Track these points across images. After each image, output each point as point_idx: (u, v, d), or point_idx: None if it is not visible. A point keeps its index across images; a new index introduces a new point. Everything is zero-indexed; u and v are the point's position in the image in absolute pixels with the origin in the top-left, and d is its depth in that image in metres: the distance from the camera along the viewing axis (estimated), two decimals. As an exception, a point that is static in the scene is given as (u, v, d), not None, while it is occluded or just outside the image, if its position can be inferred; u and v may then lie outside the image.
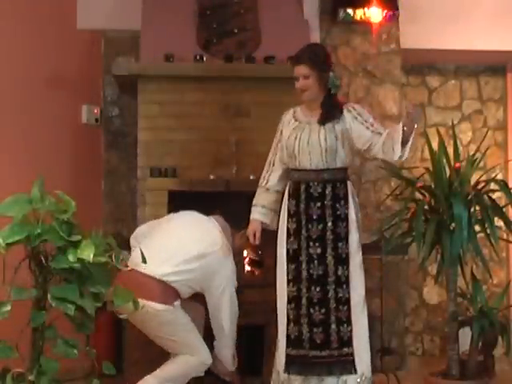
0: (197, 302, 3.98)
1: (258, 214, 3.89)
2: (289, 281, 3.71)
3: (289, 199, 3.76)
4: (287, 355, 3.70)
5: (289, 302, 3.71)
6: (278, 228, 3.82)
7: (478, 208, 3.96)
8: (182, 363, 3.80)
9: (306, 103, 3.79)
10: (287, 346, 3.70)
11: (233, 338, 3.96)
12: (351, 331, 3.63)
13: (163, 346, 3.83)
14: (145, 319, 3.69)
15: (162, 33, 4.87)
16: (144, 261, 3.28)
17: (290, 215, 3.74)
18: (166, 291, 3.74)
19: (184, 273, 3.76)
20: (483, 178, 4.18)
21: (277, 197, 3.86)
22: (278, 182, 3.85)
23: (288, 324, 3.71)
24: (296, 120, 3.82)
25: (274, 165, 3.88)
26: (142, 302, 3.54)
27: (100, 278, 2.82)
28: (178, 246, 3.82)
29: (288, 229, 3.74)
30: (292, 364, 3.70)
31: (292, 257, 3.72)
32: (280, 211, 3.81)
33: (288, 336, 3.70)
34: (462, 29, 5.32)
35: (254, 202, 3.92)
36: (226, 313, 3.87)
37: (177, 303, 3.79)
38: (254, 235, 3.89)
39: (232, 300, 3.88)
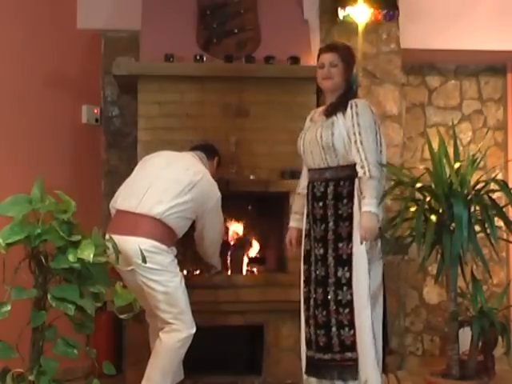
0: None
1: (293, 221, 3.91)
2: (303, 282, 3.70)
3: (305, 200, 3.76)
4: (306, 357, 3.68)
5: (304, 302, 3.69)
6: None
7: (478, 208, 3.95)
8: (170, 348, 3.76)
9: (326, 103, 3.75)
10: (306, 348, 3.68)
11: (218, 248, 4.29)
12: (354, 335, 3.48)
13: (159, 312, 3.75)
14: (146, 276, 3.68)
15: (162, 33, 4.88)
16: (144, 261, 3.28)
17: (306, 216, 3.73)
18: (163, 232, 3.76)
19: (180, 205, 3.81)
20: (483, 178, 4.17)
21: None
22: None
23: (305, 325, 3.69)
24: (311, 121, 3.80)
25: (303, 169, 3.87)
26: (138, 239, 3.62)
27: (100, 278, 2.82)
28: (168, 183, 3.85)
29: (305, 230, 3.74)
30: (307, 365, 3.68)
31: (305, 258, 3.70)
32: None
33: (305, 337, 3.68)
34: (462, 29, 5.31)
35: (292, 208, 3.96)
36: (215, 231, 4.12)
37: (174, 248, 3.84)
38: (291, 242, 3.91)
39: (221, 219, 4.13)
